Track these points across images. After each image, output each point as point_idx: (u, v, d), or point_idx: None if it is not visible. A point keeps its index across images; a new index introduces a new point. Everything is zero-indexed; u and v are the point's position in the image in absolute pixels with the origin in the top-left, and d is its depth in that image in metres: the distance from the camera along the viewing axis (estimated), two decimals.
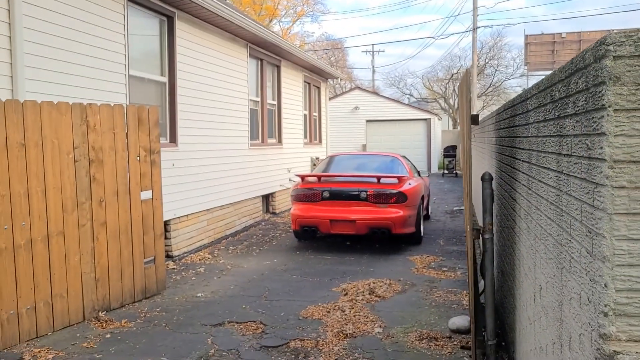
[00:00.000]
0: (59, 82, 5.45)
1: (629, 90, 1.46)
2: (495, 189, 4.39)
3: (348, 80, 43.29)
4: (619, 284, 1.48)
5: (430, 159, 23.96)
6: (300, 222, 7.94)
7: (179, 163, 7.53)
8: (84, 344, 4.49)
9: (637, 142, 1.46)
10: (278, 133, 12.01)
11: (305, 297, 5.73)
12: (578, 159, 1.78)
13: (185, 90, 7.81)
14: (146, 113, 5.75)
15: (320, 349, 4.31)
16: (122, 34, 6.44)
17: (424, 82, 40.53)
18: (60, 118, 4.82)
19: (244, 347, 4.38)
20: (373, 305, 5.40)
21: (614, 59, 1.47)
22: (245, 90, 10.01)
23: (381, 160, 9.22)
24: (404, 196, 7.63)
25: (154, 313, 5.28)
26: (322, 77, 15.57)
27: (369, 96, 25.52)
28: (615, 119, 1.47)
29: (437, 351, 4.23)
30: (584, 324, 1.69)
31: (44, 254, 4.69)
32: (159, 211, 5.95)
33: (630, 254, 1.47)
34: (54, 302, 4.78)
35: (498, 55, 37.03)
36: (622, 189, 1.47)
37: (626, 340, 1.48)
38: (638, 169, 1.46)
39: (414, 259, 7.41)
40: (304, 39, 41.75)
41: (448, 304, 5.41)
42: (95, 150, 5.16)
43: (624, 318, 1.48)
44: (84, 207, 5.06)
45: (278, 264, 7.28)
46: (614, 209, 1.47)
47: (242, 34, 9.41)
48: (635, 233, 1.47)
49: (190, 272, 6.91)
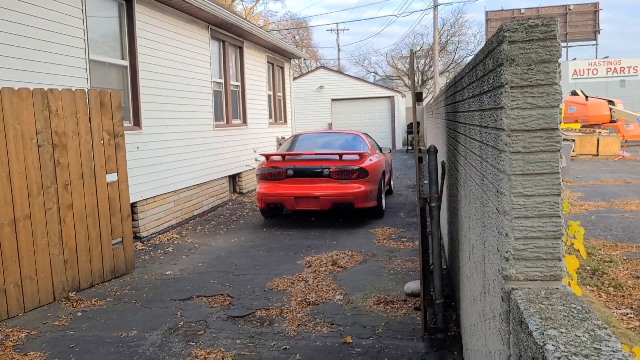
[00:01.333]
0: (18, 68, 5.48)
1: (522, 70, 1.72)
2: (446, 161, 4.70)
3: (313, 60, 43.24)
4: (517, 233, 1.76)
5: (395, 136, 24.38)
6: (265, 200, 8.17)
7: (143, 146, 7.62)
8: (56, 322, 4.65)
9: (529, 114, 1.73)
10: (243, 114, 12.12)
11: (271, 270, 5.99)
12: (491, 129, 2.05)
13: (147, 73, 7.86)
14: (108, 97, 5.84)
15: (284, 316, 4.58)
16: (81, 18, 6.46)
17: (388, 60, 40.88)
18: (21, 104, 4.89)
19: (212, 318, 4.62)
20: (335, 275, 5.70)
21: (509, 43, 1.73)
22: (208, 72, 10.08)
23: (343, 138, 9.48)
24: (365, 172, 7.92)
25: (124, 291, 5.46)
26: (285, 57, 15.65)
27: (333, 75, 25.66)
28: (511, 94, 1.73)
29: (393, 313, 4.56)
30: (495, 270, 1.98)
31: (11, 238, 4.80)
32: (125, 193, 6.08)
33: (525, 207, 1.75)
34: (24, 284, 4.91)
35: (459, 32, 37.58)
36: (518, 154, 1.74)
37: (523, 280, 1.77)
38: (531, 137, 1.73)
39: (376, 232, 7.74)
40: (268, 18, 41.41)
41: (405, 271, 5.75)
42: (58, 135, 5.25)
43: (522, 261, 1.77)
44: (49, 191, 5.16)
45: (245, 241, 7.51)
46: (511, 170, 1.75)
47: (203, 15, 9.45)
48: (529, 190, 1.75)
49: (159, 251, 7.08)
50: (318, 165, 8.04)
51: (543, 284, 1.74)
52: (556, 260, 1.74)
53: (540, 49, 1.70)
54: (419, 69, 36.27)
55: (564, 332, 1.35)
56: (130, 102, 7.59)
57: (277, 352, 3.88)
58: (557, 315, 1.46)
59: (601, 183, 12.06)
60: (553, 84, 1.70)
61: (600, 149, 18.58)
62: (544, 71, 1.70)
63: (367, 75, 40.46)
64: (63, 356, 3.94)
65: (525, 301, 1.59)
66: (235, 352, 3.91)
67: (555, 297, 1.62)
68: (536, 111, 1.71)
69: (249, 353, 3.89)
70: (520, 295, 1.65)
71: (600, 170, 14.50)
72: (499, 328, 1.90)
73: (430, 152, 3.89)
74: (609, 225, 7.61)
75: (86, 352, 4.00)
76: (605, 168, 15.11)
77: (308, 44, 45.36)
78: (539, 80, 1.71)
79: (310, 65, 41.01)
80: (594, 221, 7.92)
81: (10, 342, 4.21)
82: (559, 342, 1.28)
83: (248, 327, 4.39)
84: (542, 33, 1.70)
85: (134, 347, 4.07)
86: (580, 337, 1.31)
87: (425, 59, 36.51)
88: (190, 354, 3.89)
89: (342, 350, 3.89)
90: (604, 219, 8.04)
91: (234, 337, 4.18)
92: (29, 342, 4.22)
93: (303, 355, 3.81)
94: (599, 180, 12.47)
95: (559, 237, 1.75)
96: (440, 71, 33.27)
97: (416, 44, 37.70)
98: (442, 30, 35.30)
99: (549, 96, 1.70)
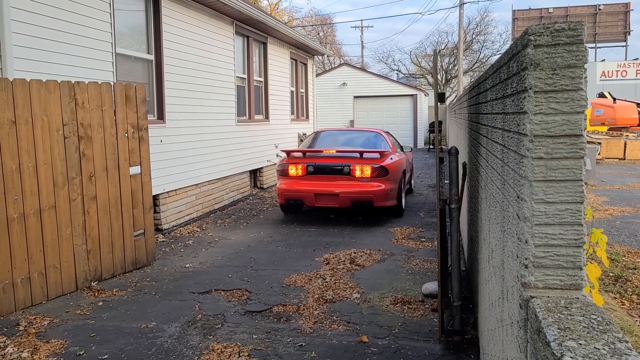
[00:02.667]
0: (47, 60, 5.59)
1: (547, 75, 1.69)
2: (467, 162, 4.66)
3: (337, 56, 43.16)
4: (537, 240, 1.74)
5: (417, 135, 24.23)
6: (285, 195, 8.20)
7: (166, 139, 7.71)
8: (78, 311, 4.75)
9: (553, 120, 1.70)
10: (265, 109, 12.17)
11: (289, 266, 6.02)
12: (513, 134, 2.03)
13: (172, 67, 7.95)
14: (133, 90, 5.92)
15: (301, 313, 4.60)
16: (109, 12, 6.55)
17: (412, 58, 40.58)
18: (49, 96, 4.99)
19: (230, 312, 4.66)
20: (353, 274, 5.70)
21: (534, 47, 1.70)
22: (231, 67, 10.14)
23: (365, 135, 9.46)
24: (386, 170, 7.89)
25: (144, 282, 5.54)
26: (308, 54, 15.66)
27: (356, 72, 25.59)
28: (535, 99, 1.71)
29: (410, 313, 4.55)
30: (514, 277, 1.96)
31: (36, 227, 4.91)
32: (148, 186, 6.16)
33: (546, 214, 1.73)
34: (48, 273, 5.02)
35: (485, 31, 37.12)
36: (540, 160, 1.72)
37: (542, 288, 1.75)
38: (554, 142, 1.70)
39: (395, 231, 7.71)
40: (292, 14, 41.47)
41: (423, 272, 5.72)
42: (84, 127, 5.34)
43: (541, 269, 1.74)
44: (74, 182, 5.26)
45: (264, 236, 7.55)
46: (533, 176, 1.72)
47: (228, 11, 9.50)
48: (551, 197, 1.72)
49: (180, 244, 7.16)
50: (338, 162, 8.03)
51: (563, 293, 1.72)
52: (577, 269, 1.72)
53: (566, 54, 1.67)
54: (442, 68, 35.94)
55: (583, 343, 1.33)
56: (154, 95, 7.68)
57: (292, 349, 3.90)
58: (576, 326, 1.44)
59: (627, 188, 11.81)
60: (578, 90, 1.67)
61: (627, 152, 18.19)
62: (570, 76, 1.67)
63: (391, 73, 40.24)
64: (84, 345, 4.02)
65: (543, 310, 1.57)
66: (251, 347, 3.94)
67: (575, 307, 1.60)
68: (560, 117, 1.68)
69: (265, 348, 3.91)
70: (539, 303, 1.63)
71: (626, 175, 14.20)
72: (517, 335, 1.88)
73: (451, 153, 3.86)
74: (634, 232, 7.45)
75: (106, 342, 4.07)
76: (632, 172, 14.79)
77: (332, 41, 45.30)
78: (564, 85, 1.68)
79: (333, 62, 40.97)
80: (619, 227, 7.76)
81: (33, 329, 4.31)
82: (577, 354, 1.27)
83: (265, 323, 4.42)
84: (569, 37, 1.67)
85: (153, 338, 4.13)
86: (600, 350, 1.29)
87: (449, 58, 36.17)
88: (207, 348, 3.94)
89: (357, 349, 3.89)
90: (629, 225, 7.88)
91: (251, 332, 4.21)
92: (51, 330, 4.32)
93: (318, 353, 3.82)
94: (624, 185, 12.22)
95: (581, 245, 1.73)
96: (464, 70, 32.92)
97: (441, 43, 37.40)
98: (467, 29, 34.91)
99: (574, 102, 1.67)
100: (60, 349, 3.96)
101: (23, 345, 4.00)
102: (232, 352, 3.85)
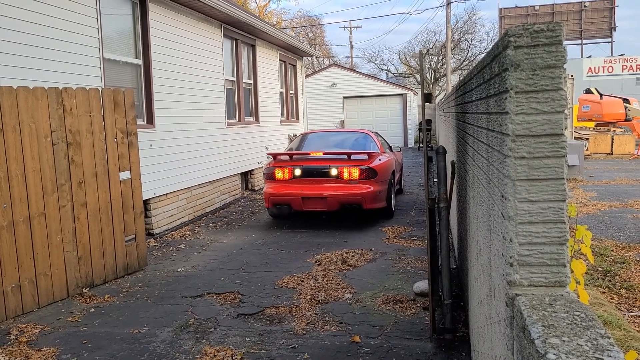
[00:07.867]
0: (34, 67, 5.56)
1: (527, 75, 1.72)
2: (456, 161, 4.69)
3: (326, 57, 43.20)
4: (522, 239, 1.77)
5: (407, 133, 24.31)
6: (272, 200, 8.12)
7: (156, 144, 7.70)
8: (69, 318, 4.73)
9: (534, 119, 1.73)
10: (255, 112, 12.17)
11: (282, 268, 6.03)
12: (497, 133, 2.05)
13: (161, 72, 7.93)
14: (122, 96, 5.90)
15: (293, 315, 4.61)
16: (95, 17, 6.53)
17: (401, 57, 40.72)
18: (36, 103, 4.97)
19: (222, 316, 4.66)
20: (345, 274, 5.72)
21: (514, 48, 1.73)
22: (220, 70, 10.13)
23: (352, 137, 9.45)
24: (374, 172, 7.89)
25: (136, 288, 5.53)
26: (297, 55, 15.67)
27: (346, 73, 25.63)
28: (516, 99, 1.73)
29: (402, 312, 4.58)
30: (500, 275, 1.99)
31: (26, 235, 4.89)
32: (138, 191, 6.15)
33: (530, 213, 1.75)
34: (38, 280, 5.00)
35: (472, 30, 37.32)
36: (523, 159, 1.74)
37: (527, 286, 1.77)
38: (535, 142, 1.73)
39: (386, 230, 7.74)
40: (281, 16, 41.46)
41: (415, 270, 5.75)
42: (72, 133, 5.32)
43: (526, 267, 1.77)
44: (63, 188, 5.24)
45: (256, 239, 7.55)
46: (516, 175, 1.75)
47: (216, 14, 9.49)
48: (534, 196, 1.75)
49: (171, 248, 7.15)
50: (326, 165, 8.00)
51: (547, 290, 1.75)
52: (561, 266, 1.74)
53: (546, 54, 1.70)
54: (431, 67, 36.09)
55: (566, 340, 1.35)
56: (143, 100, 7.66)
57: (285, 351, 3.91)
58: (560, 323, 1.46)
59: (615, 182, 11.93)
60: (558, 90, 1.70)
61: (614, 147, 18.37)
62: (549, 76, 1.70)
63: (380, 73, 40.36)
64: (75, 352, 4.01)
65: (528, 308, 1.60)
66: (244, 350, 3.95)
67: (559, 304, 1.62)
68: (541, 117, 1.71)
69: (257, 351, 3.92)
70: (524, 301, 1.66)
71: (614, 170, 14.34)
72: (504, 333, 1.91)
73: (438, 153, 3.89)
74: (622, 226, 7.54)
75: (98, 349, 4.06)
76: (620, 167, 14.94)
77: (321, 42, 45.34)
78: (544, 85, 1.71)
79: (323, 63, 41.00)
80: (607, 221, 7.84)
81: (24, 337, 4.29)
82: (560, 351, 1.29)
83: (257, 325, 4.43)
84: (548, 38, 1.69)
85: (145, 343, 4.13)
86: (583, 347, 1.31)
87: (437, 57, 36.31)
88: (200, 352, 3.94)
89: (350, 349, 3.91)
90: (617, 220, 7.96)
91: (244, 335, 4.22)
92: (42, 338, 4.30)
93: (311, 354, 3.84)
94: (612, 180, 12.34)
95: (564, 242, 1.75)
96: (453, 69, 33.07)
97: (429, 42, 37.58)
98: (455, 28, 35.08)
99: (555, 102, 1.70)
100: (52, 356, 3.94)
101: (14, 354, 3.98)
102: (225, 356, 3.86)
